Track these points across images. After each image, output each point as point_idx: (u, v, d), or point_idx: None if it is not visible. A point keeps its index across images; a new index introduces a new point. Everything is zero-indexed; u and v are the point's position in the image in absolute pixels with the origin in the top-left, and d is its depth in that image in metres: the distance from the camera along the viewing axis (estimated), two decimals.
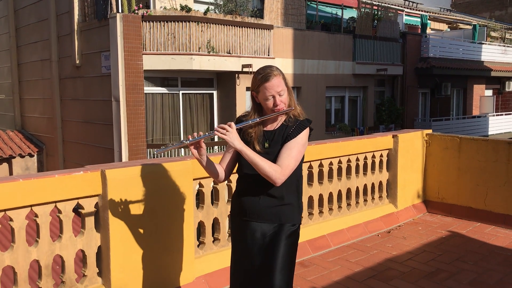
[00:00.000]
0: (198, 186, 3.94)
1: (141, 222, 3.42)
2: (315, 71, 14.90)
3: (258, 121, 2.58)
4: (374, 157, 5.56)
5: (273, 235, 2.56)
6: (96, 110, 12.13)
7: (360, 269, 4.33)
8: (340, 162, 5.11)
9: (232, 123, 2.44)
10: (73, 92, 13.19)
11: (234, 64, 12.42)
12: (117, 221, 3.30)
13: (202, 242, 4.01)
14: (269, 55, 13.25)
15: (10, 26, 15.91)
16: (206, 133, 2.48)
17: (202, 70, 12.07)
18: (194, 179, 3.79)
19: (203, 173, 3.88)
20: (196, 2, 13.82)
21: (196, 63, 11.65)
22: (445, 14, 25.61)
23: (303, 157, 2.66)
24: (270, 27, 13.25)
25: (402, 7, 20.98)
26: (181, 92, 12.74)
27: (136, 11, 11.25)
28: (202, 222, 3.96)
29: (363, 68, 16.24)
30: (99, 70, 11.77)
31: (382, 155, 5.66)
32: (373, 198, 5.61)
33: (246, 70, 12.57)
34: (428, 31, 20.76)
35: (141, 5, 11.55)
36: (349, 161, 5.22)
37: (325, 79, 15.24)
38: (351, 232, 5.10)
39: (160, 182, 3.52)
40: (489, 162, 5.52)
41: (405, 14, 20.35)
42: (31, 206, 3.02)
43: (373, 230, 5.31)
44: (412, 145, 5.89)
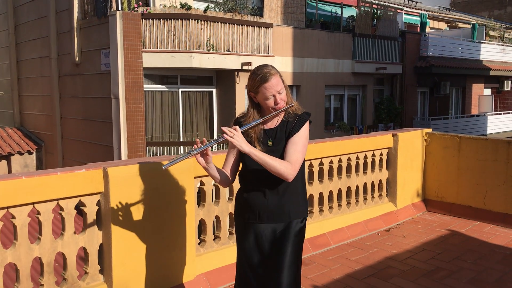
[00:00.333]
0: (199, 184, 3.95)
1: (142, 220, 3.43)
2: (315, 70, 14.91)
3: (262, 121, 2.58)
4: (374, 155, 5.57)
5: (281, 233, 2.58)
6: (95, 107, 12.13)
7: (360, 267, 4.35)
8: (340, 160, 5.13)
9: (237, 127, 2.43)
10: (72, 89, 13.18)
11: (233, 62, 12.42)
12: (118, 218, 3.31)
13: (203, 240, 4.02)
14: (268, 54, 13.25)
15: (9, 23, 15.88)
16: (212, 140, 2.46)
17: (201, 68, 12.06)
18: (195, 177, 3.80)
19: (204, 171, 3.89)
20: (195, 0, 13.83)
21: (195, 61, 11.65)
22: (444, 13, 25.63)
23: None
24: (269, 26, 13.25)
25: (401, 6, 20.99)
26: (180, 90, 12.74)
27: (136, 9, 11.24)
28: (203, 220, 3.97)
29: (363, 66, 16.25)
30: (99, 67, 11.77)
31: (382, 154, 5.68)
32: (373, 197, 5.63)
33: (245, 68, 12.57)
34: (427, 30, 20.78)
35: (140, 2, 11.53)
36: (349, 159, 5.24)
37: (324, 78, 15.25)
38: (351, 230, 5.12)
39: (161, 179, 3.53)
40: (488, 161, 5.54)
41: (404, 13, 20.35)
42: (34, 203, 3.03)
43: (373, 228, 5.33)
44: (412, 144, 5.91)
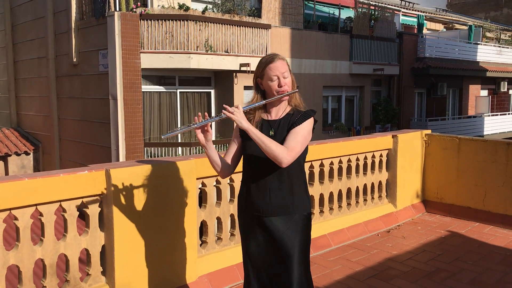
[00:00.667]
0: (200, 185, 3.95)
1: (145, 221, 3.43)
2: (312, 71, 14.94)
3: (264, 103, 2.60)
4: (374, 157, 5.59)
5: (287, 228, 2.55)
6: (93, 108, 12.11)
7: (361, 268, 4.36)
8: (340, 162, 5.13)
9: (239, 105, 2.45)
10: (70, 90, 13.15)
11: (232, 63, 12.43)
12: (121, 220, 3.30)
13: (205, 241, 4.02)
14: (266, 54, 13.23)
15: (6, 23, 15.84)
16: (213, 116, 2.48)
17: (200, 69, 12.07)
18: (197, 179, 3.80)
19: (206, 172, 3.90)
20: (193, 1, 13.82)
21: (194, 62, 11.66)
22: (441, 14, 25.71)
23: (307, 150, 2.68)
24: (267, 27, 13.27)
25: (398, 7, 21.05)
26: (178, 90, 12.74)
27: (134, 10, 11.23)
28: (204, 222, 3.97)
29: (360, 68, 16.29)
30: (97, 68, 11.75)
31: (381, 155, 5.69)
32: (372, 198, 5.64)
33: (244, 69, 12.58)
34: (424, 31, 20.85)
35: (139, 3, 11.53)
36: (349, 161, 5.25)
37: (322, 79, 15.28)
38: (351, 231, 5.13)
39: (164, 181, 3.53)
40: (488, 162, 5.56)
41: (401, 14, 20.41)
42: (36, 205, 3.02)
43: (373, 229, 5.34)
44: (411, 145, 5.92)
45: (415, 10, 22.65)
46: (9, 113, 16.29)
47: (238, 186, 4.17)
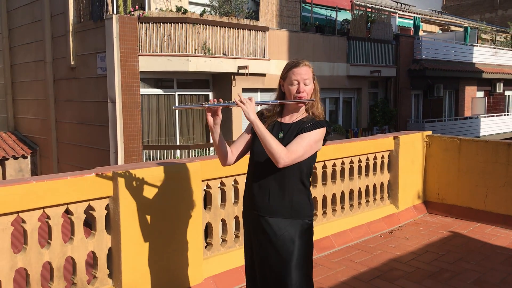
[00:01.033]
0: (205, 187, 3.95)
1: (151, 224, 3.43)
2: None
3: (278, 103, 2.63)
4: (375, 158, 5.61)
5: (286, 233, 2.53)
6: (91, 111, 12.09)
7: (365, 269, 4.37)
8: (343, 163, 5.15)
9: (252, 97, 2.46)
10: (67, 93, 13.12)
11: (230, 65, 12.44)
12: (128, 222, 3.30)
13: (210, 244, 4.02)
14: (264, 57, 13.29)
15: (2, 27, 15.80)
16: (226, 101, 2.51)
17: (198, 72, 12.07)
18: (202, 181, 3.81)
19: (211, 174, 3.91)
20: (191, 3, 13.83)
21: (192, 65, 11.66)
22: (436, 16, 25.84)
23: (315, 157, 2.67)
24: (265, 29, 13.30)
25: (395, 9, 21.14)
26: (177, 93, 12.74)
27: (132, 13, 11.23)
28: (209, 224, 3.98)
29: (357, 70, 16.34)
30: (95, 71, 11.73)
31: (383, 157, 5.71)
32: (374, 199, 5.65)
33: (242, 71, 12.59)
34: (420, 33, 20.94)
35: (137, 6, 11.53)
36: (351, 162, 5.26)
37: (319, 81, 14.85)
38: (354, 232, 5.14)
39: (170, 183, 3.53)
40: (489, 163, 5.59)
41: (398, 16, 20.50)
42: (44, 208, 3.01)
43: (375, 230, 5.35)
44: (412, 146, 5.95)
45: (411, 12, 22.75)
46: (6, 116, 16.24)
47: (242, 188, 4.18)
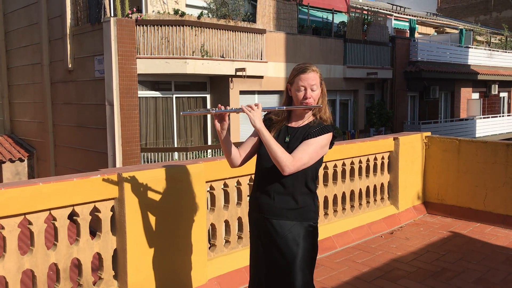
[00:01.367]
0: (209, 188, 3.97)
1: (156, 225, 3.44)
2: None
3: (285, 109, 2.64)
4: (376, 159, 5.64)
5: (291, 234, 2.55)
6: (89, 114, 12.07)
7: (367, 269, 4.40)
8: (344, 164, 5.18)
9: (259, 104, 2.49)
10: (65, 96, 13.11)
11: (227, 68, 12.47)
12: (133, 224, 3.32)
13: (213, 245, 4.04)
14: (262, 59, 13.32)
15: None
16: (233, 107, 2.55)
17: (196, 74, 12.09)
18: (206, 182, 3.82)
19: (215, 176, 3.93)
20: (188, 6, 13.86)
21: (190, 67, 11.68)
22: (431, 19, 25.98)
23: (321, 161, 2.69)
24: (262, 31, 13.34)
25: (390, 12, 21.24)
26: (174, 96, 12.75)
27: (129, 15, 11.24)
28: (213, 225, 3.99)
29: (354, 72, 16.39)
30: (92, 74, 11.73)
31: (383, 158, 5.75)
32: (375, 200, 5.69)
33: (239, 74, 12.62)
34: (415, 35, 21.04)
35: (134, 9, 11.54)
36: (352, 163, 5.29)
37: None
38: (355, 233, 5.17)
39: (174, 184, 3.55)
40: (488, 163, 5.63)
41: (393, 19, 20.60)
42: (50, 209, 3.02)
43: (376, 231, 5.38)
44: (412, 147, 5.99)
45: (407, 15, 22.87)
46: (2, 119, 16.19)
47: (245, 190, 4.20)
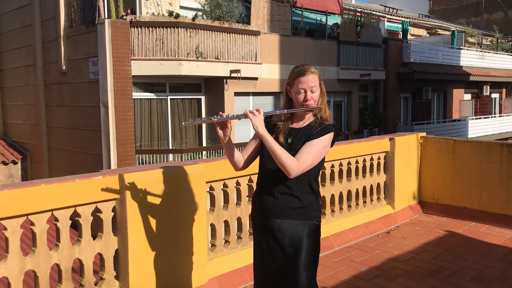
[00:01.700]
0: (208, 189, 3.99)
1: (157, 225, 3.46)
2: None
3: (286, 112, 2.66)
4: (372, 159, 5.69)
5: (295, 233, 2.58)
6: (83, 116, 12.04)
7: (365, 268, 4.44)
8: (341, 165, 5.22)
9: (260, 109, 2.52)
10: (59, 98, 13.06)
11: (222, 69, 12.49)
12: (135, 224, 3.33)
13: (213, 245, 4.06)
14: (256, 61, 13.36)
15: None
16: (235, 114, 2.58)
17: (190, 76, 12.10)
18: (206, 182, 3.85)
19: (214, 176, 3.96)
20: (182, 8, 13.87)
21: (185, 69, 11.69)
22: (424, 20, 26.17)
23: (323, 161, 2.73)
24: (257, 33, 13.38)
25: (383, 13, 21.37)
26: (169, 97, 12.75)
27: (124, 17, 11.24)
28: (213, 225, 4.02)
29: (347, 73, 16.47)
30: (87, 76, 11.70)
31: (379, 158, 5.80)
32: (371, 200, 5.73)
33: (234, 75, 12.65)
34: (408, 37, 21.18)
35: (129, 11, 11.54)
36: (349, 163, 5.34)
37: None
38: (353, 233, 5.21)
39: (175, 185, 3.57)
40: (482, 163, 5.70)
41: (386, 20, 20.72)
42: (52, 210, 3.03)
43: (373, 230, 5.43)
44: (407, 147, 6.04)
45: (399, 16, 23.02)
46: None
47: (244, 190, 4.23)
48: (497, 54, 24.39)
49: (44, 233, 3.01)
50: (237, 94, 13.29)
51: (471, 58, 22.07)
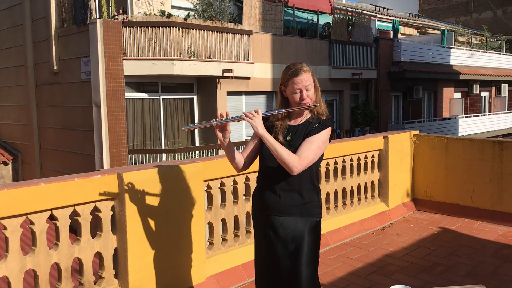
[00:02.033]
0: (206, 187, 4.01)
1: (156, 224, 3.48)
2: None
3: (284, 112, 2.68)
4: (366, 157, 5.74)
5: (296, 230, 2.61)
6: (75, 116, 11.99)
7: (361, 265, 4.49)
8: (336, 163, 5.27)
9: (259, 110, 2.54)
10: (50, 98, 12.98)
11: (214, 69, 12.50)
12: (133, 223, 3.35)
13: (211, 243, 4.08)
14: (248, 60, 13.38)
15: None
16: (233, 116, 2.57)
17: (183, 75, 12.09)
18: (204, 181, 3.87)
19: (212, 175, 3.98)
20: (173, 7, 13.86)
21: (177, 68, 11.68)
22: (414, 19, 26.35)
23: (322, 156, 2.77)
24: (249, 33, 13.40)
25: (374, 13, 21.48)
26: (161, 97, 12.73)
27: (116, 17, 11.20)
28: (210, 223, 4.04)
29: (339, 72, 16.55)
30: (78, 76, 11.65)
31: (373, 156, 5.85)
32: (366, 197, 5.79)
33: (226, 75, 12.67)
34: (398, 36, 21.33)
35: (121, 11, 11.50)
36: (344, 161, 5.39)
37: None
38: (348, 230, 5.26)
39: (173, 184, 3.59)
40: (475, 160, 5.77)
41: (377, 20, 20.84)
42: (52, 209, 3.04)
43: (368, 228, 5.48)
44: (401, 145, 6.10)
45: (390, 16, 23.16)
46: None
47: (241, 189, 4.26)
48: (486, 53, 24.62)
49: (43, 232, 3.02)
50: (229, 93, 13.30)
51: (461, 57, 22.26)
